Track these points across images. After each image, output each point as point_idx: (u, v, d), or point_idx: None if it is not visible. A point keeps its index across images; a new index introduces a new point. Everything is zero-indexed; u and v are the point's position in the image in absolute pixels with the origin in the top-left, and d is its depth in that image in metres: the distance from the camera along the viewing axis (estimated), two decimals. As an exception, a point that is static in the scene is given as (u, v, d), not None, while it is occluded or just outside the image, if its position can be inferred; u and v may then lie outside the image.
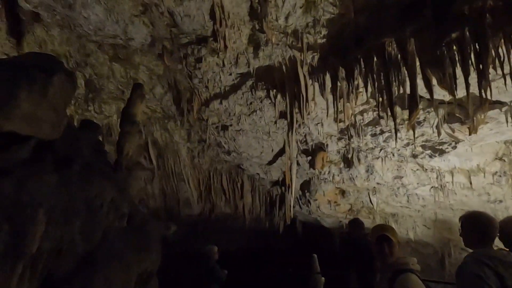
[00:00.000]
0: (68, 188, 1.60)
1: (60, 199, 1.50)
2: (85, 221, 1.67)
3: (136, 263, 1.98)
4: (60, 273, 1.48)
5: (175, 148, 6.38)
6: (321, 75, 3.41)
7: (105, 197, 1.94)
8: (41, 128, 1.54)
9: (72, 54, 4.51)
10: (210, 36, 3.63)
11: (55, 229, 1.43)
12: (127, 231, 2.13)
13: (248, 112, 4.77)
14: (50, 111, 1.58)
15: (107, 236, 1.86)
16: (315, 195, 6.34)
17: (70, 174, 1.68)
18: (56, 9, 3.69)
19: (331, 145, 5.00)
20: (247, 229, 7.89)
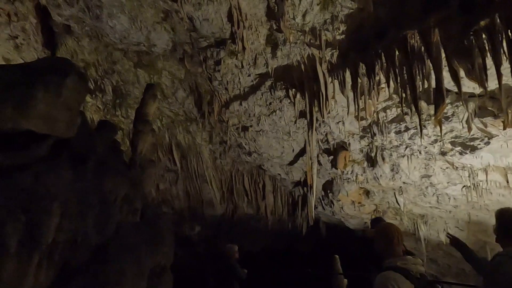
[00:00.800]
0: (83, 183, 1.69)
1: (74, 193, 1.58)
2: (98, 214, 1.74)
3: (148, 257, 2.04)
4: (75, 263, 1.56)
5: (198, 150, 6.53)
6: (341, 72, 3.35)
7: (118, 192, 2.02)
8: (56, 126, 1.64)
9: (100, 62, 4.79)
10: (229, 38, 3.69)
11: (69, 221, 1.50)
12: (140, 226, 2.20)
13: (268, 112, 4.79)
14: (64, 111, 1.68)
15: (120, 230, 1.94)
16: (338, 196, 6.19)
17: (84, 170, 1.78)
18: (85, 21, 3.94)
19: (354, 144, 4.87)
20: (270, 230, 7.87)
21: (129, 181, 2.20)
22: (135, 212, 2.25)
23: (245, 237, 8.19)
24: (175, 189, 7.20)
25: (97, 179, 1.85)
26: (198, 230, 8.06)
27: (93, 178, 1.81)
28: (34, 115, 1.51)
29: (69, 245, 1.53)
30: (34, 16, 3.98)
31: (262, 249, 8.32)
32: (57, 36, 4.38)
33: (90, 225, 1.66)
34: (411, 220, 6.06)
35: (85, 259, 1.62)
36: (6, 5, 3.82)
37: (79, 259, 1.60)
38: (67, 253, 1.52)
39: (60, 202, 1.45)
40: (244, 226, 7.99)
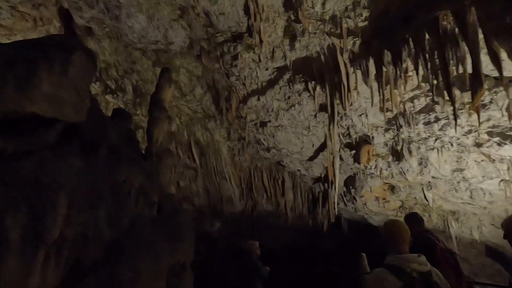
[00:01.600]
0: (93, 173, 1.54)
1: (83, 183, 1.43)
2: (111, 207, 1.60)
3: (167, 254, 1.89)
4: (87, 261, 1.43)
5: (216, 147, 6.54)
6: (364, 61, 3.18)
7: (133, 183, 1.87)
8: (63, 109, 1.50)
9: (120, 62, 4.88)
10: (245, 32, 3.62)
11: (78, 213, 1.36)
12: (157, 220, 2.05)
13: (287, 107, 4.68)
14: (72, 92, 1.53)
15: (136, 224, 1.78)
16: (361, 192, 5.98)
17: (96, 158, 1.63)
18: (105, 22, 4.01)
19: (378, 137, 4.65)
20: (290, 227, 7.78)
21: (144, 171, 2.05)
22: (151, 206, 2.09)
23: (266, 234, 8.15)
24: (195, 186, 7.26)
25: (109, 169, 1.70)
26: (218, 226, 8.11)
27: (105, 167, 1.65)
28: (38, 96, 1.38)
29: (79, 240, 1.39)
30: (57, 19, 4.10)
31: (283, 246, 8.25)
32: (80, 38, 4.49)
33: (102, 219, 1.51)
34: (440, 217, 5.74)
35: (97, 256, 1.48)
36: (32, 10, 3.96)
37: (91, 256, 1.45)
38: (78, 249, 1.39)
39: (67, 193, 1.31)
40: (264, 222, 7.95)
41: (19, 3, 3.79)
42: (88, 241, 1.42)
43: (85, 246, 1.41)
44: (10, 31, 4.09)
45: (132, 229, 1.72)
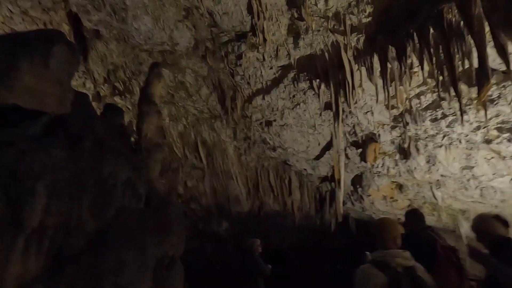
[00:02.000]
0: (77, 164, 1.53)
1: (66, 173, 1.44)
2: (95, 198, 1.59)
3: (153, 246, 1.87)
4: (70, 251, 1.43)
5: (223, 146, 6.58)
6: (368, 57, 3.16)
7: (119, 176, 1.86)
8: (45, 101, 1.51)
9: (127, 64, 4.97)
10: (249, 31, 3.64)
11: (59, 203, 1.36)
12: (144, 213, 2.03)
13: (292, 105, 4.68)
14: (53, 84, 1.54)
15: (121, 216, 1.77)
16: (368, 191, 5.91)
17: (80, 150, 1.63)
18: (112, 24, 4.09)
19: (384, 135, 4.60)
20: (297, 226, 7.75)
21: (131, 164, 2.03)
22: (139, 198, 2.07)
23: (273, 234, 8.14)
24: (202, 186, 7.31)
25: (95, 160, 1.70)
26: (226, 226, 8.14)
27: (90, 159, 1.65)
28: (19, 88, 1.39)
29: (61, 230, 1.39)
30: (66, 23, 4.21)
31: (291, 246, 8.22)
32: (88, 41, 4.60)
33: (85, 209, 1.51)
34: (450, 216, 5.63)
35: (80, 246, 1.48)
36: (42, 15, 4.08)
37: (74, 246, 1.45)
38: (60, 239, 1.39)
39: (46, 182, 1.31)
40: (271, 222, 7.94)
41: (30, 8, 3.91)
42: (70, 231, 1.42)
43: (67, 236, 1.42)
44: (22, 35, 4.22)
45: (117, 221, 1.72)
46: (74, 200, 1.45)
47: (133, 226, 1.79)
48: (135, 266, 1.64)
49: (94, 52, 4.74)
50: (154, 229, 1.92)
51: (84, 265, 1.43)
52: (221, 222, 8.14)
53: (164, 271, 1.97)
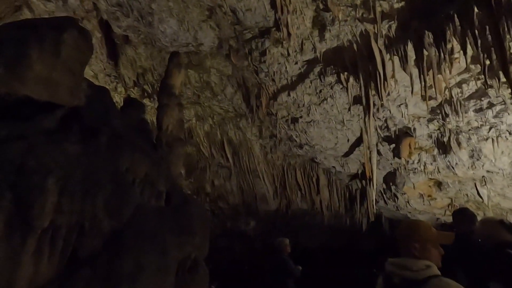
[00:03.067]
0: (92, 159, 1.43)
1: (79, 169, 1.33)
2: (111, 195, 1.47)
3: (175, 247, 1.73)
4: (85, 252, 1.33)
5: (249, 145, 6.58)
6: (401, 46, 2.94)
7: (137, 172, 1.75)
8: (58, 92, 1.42)
9: (155, 67, 5.13)
10: (273, 27, 3.57)
11: (71, 201, 1.25)
12: (165, 211, 1.90)
13: (318, 101, 4.53)
14: (66, 74, 1.45)
15: (139, 215, 1.64)
16: (403, 188, 5.58)
17: (95, 145, 1.53)
18: (140, 29, 4.23)
19: (420, 129, 4.29)
20: (326, 226, 7.55)
21: (150, 160, 1.93)
22: (159, 196, 1.95)
23: (301, 233, 8.01)
24: (229, 185, 7.37)
25: (111, 156, 1.59)
26: (253, 225, 8.15)
27: (105, 155, 1.54)
28: (30, 77, 1.30)
29: (75, 230, 1.29)
30: (98, 31, 4.43)
31: (320, 246, 8.03)
32: (118, 47, 4.81)
33: (100, 208, 1.40)
34: (497, 216, 5.14)
35: (96, 247, 1.37)
36: (76, 24, 4.33)
37: (89, 248, 1.34)
38: (74, 240, 1.30)
39: (57, 178, 1.21)
40: (299, 221, 7.82)
41: (66, 19, 4.16)
42: (85, 231, 1.34)
43: (82, 237, 1.33)
44: (60, 45, 4.51)
45: (134, 220, 1.59)
46: (88, 198, 1.35)
47: (152, 226, 1.68)
48: (155, 270, 1.53)
49: (124, 57, 4.95)
50: (175, 229, 1.80)
51: (99, 268, 1.34)
52: (249, 220, 8.16)
53: (187, 274, 1.83)
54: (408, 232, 1.26)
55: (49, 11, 4.08)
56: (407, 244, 1.22)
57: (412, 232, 1.25)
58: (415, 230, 1.26)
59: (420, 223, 1.32)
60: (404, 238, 1.25)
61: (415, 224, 1.32)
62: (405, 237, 1.25)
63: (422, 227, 1.27)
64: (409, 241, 1.22)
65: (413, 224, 1.32)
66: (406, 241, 1.23)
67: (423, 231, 1.24)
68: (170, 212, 1.91)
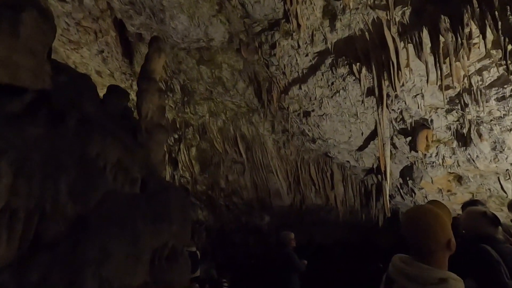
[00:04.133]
0: (56, 143, 1.39)
1: (38, 153, 1.29)
2: (75, 180, 1.42)
3: (148, 235, 1.66)
4: (48, 237, 1.29)
5: (262, 140, 6.58)
6: (416, 32, 2.83)
7: (109, 157, 1.70)
8: (18, 74, 1.37)
9: (168, 64, 5.22)
10: (282, 18, 3.54)
11: (28, 184, 1.22)
12: (138, 198, 1.83)
13: (330, 93, 4.45)
14: (27, 55, 1.39)
15: (109, 201, 1.58)
16: (420, 183, 5.39)
17: (62, 129, 1.49)
18: (152, 26, 4.32)
19: (437, 120, 4.12)
20: (341, 221, 7.45)
21: (124, 145, 1.86)
22: (133, 182, 1.87)
23: (316, 229, 7.95)
24: (243, 180, 7.42)
25: (79, 140, 1.54)
26: (268, 220, 8.18)
27: (73, 139, 1.50)
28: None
29: (35, 214, 1.25)
30: (113, 30, 4.56)
31: (335, 242, 7.94)
32: (132, 45, 4.94)
33: (62, 192, 1.35)
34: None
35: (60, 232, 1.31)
36: (92, 24, 4.48)
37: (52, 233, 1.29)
38: (36, 224, 1.26)
39: (12, 160, 1.17)
40: (314, 217, 7.76)
41: (82, 19, 4.31)
42: (46, 216, 1.29)
43: (44, 221, 1.29)
44: (78, 45, 4.69)
45: (103, 206, 1.54)
46: (48, 182, 1.30)
47: (123, 212, 1.61)
48: (123, 257, 1.47)
49: (138, 55, 5.07)
50: (148, 216, 1.73)
51: (61, 253, 1.28)
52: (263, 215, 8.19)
53: (165, 263, 1.77)
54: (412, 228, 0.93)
55: (66, 12, 4.25)
56: (417, 241, 0.90)
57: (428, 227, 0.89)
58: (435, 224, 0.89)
59: (439, 212, 0.93)
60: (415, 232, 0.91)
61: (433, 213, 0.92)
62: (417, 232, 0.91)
63: (442, 219, 0.90)
64: (422, 238, 0.88)
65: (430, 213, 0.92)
66: (416, 236, 0.91)
67: (443, 225, 0.89)
68: (144, 199, 1.84)
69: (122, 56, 5.00)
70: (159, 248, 1.73)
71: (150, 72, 2.63)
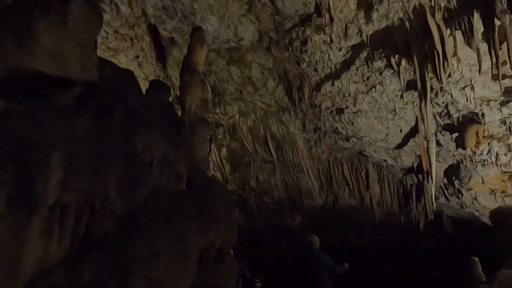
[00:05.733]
0: (104, 137, 1.35)
1: (88, 146, 1.26)
2: (124, 175, 1.37)
3: (196, 234, 1.59)
4: (98, 234, 1.26)
5: (292, 139, 6.49)
6: (465, 17, 2.56)
7: (154, 152, 1.65)
8: (68, 66, 1.37)
9: (199, 66, 5.33)
10: (313, 13, 3.42)
11: (78, 178, 1.17)
12: (185, 195, 1.75)
13: (366, 89, 4.23)
14: (75, 46, 1.39)
15: (157, 197, 1.53)
16: (469, 183, 4.93)
17: (109, 122, 1.46)
18: (184, 30, 4.42)
19: (490, 114, 3.72)
20: (377, 223, 7.11)
21: (169, 140, 1.81)
22: (179, 179, 1.80)
23: (350, 230, 7.70)
24: (274, 180, 7.37)
25: (126, 134, 1.50)
26: (299, 220, 8.05)
27: (120, 132, 1.46)
28: (39, 50, 1.27)
29: (86, 210, 1.21)
30: (147, 35, 4.76)
31: (370, 244, 7.59)
32: (166, 49, 5.11)
33: (111, 187, 1.30)
34: None
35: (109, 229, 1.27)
36: (128, 31, 4.70)
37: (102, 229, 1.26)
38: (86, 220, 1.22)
39: (62, 153, 1.13)
40: (348, 218, 7.50)
41: (119, 27, 4.55)
42: (96, 211, 1.26)
43: (94, 217, 1.25)
44: (115, 51, 4.96)
45: (151, 202, 1.47)
46: (98, 176, 1.26)
47: (171, 209, 1.54)
48: (172, 256, 1.40)
49: (171, 58, 5.24)
50: (196, 214, 1.66)
51: (110, 251, 1.25)
52: (294, 216, 8.08)
53: (211, 264, 1.70)
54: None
55: (105, 21, 4.50)
56: None
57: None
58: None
59: None
60: None
61: None
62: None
63: None
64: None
65: None
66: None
67: None
68: (191, 196, 1.77)
69: (156, 60, 5.20)
70: (206, 248, 1.68)
71: (193, 64, 2.54)
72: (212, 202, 1.81)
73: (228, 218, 1.87)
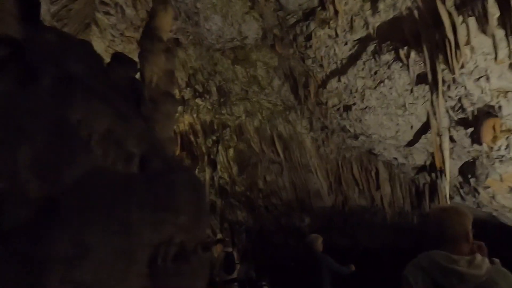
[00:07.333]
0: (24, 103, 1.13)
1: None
2: (44, 150, 1.12)
3: (146, 227, 1.29)
4: (8, 224, 1.01)
5: (299, 139, 6.41)
6: (479, 2, 2.43)
7: (94, 126, 1.38)
8: None
9: (204, 66, 5.33)
10: (317, 6, 3.36)
11: None
12: (135, 179, 1.44)
13: (374, 84, 4.11)
14: None
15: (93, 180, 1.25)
16: (486, 181, 4.71)
17: (36, 88, 1.23)
18: (188, 30, 4.43)
19: (508, 107, 3.53)
20: (389, 224, 6.93)
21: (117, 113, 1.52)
22: (128, 159, 1.49)
23: (361, 231, 7.54)
24: (281, 181, 7.29)
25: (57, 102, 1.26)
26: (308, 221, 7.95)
27: (50, 100, 1.23)
28: None
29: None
30: (152, 36, 4.78)
31: (382, 246, 7.40)
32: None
33: (24, 165, 1.06)
34: None
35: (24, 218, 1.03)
36: (134, 33, 4.74)
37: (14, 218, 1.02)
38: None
39: None
40: (358, 219, 7.35)
41: (125, 29, 4.59)
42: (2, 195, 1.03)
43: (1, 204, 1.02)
44: (122, 54, 5.00)
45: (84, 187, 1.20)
46: (5, 150, 1.04)
47: (112, 196, 1.26)
48: (108, 254, 1.12)
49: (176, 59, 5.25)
50: (149, 203, 1.36)
51: (19, 246, 1.00)
52: (303, 217, 7.98)
53: (171, 264, 1.36)
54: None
55: (112, 24, 4.56)
56: None
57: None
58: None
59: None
60: None
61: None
62: None
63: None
64: None
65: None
66: None
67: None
68: (144, 180, 1.45)
69: (161, 61, 5.22)
70: (161, 244, 1.34)
71: (154, 30, 2.19)
72: (170, 188, 1.46)
73: (194, 209, 1.50)
